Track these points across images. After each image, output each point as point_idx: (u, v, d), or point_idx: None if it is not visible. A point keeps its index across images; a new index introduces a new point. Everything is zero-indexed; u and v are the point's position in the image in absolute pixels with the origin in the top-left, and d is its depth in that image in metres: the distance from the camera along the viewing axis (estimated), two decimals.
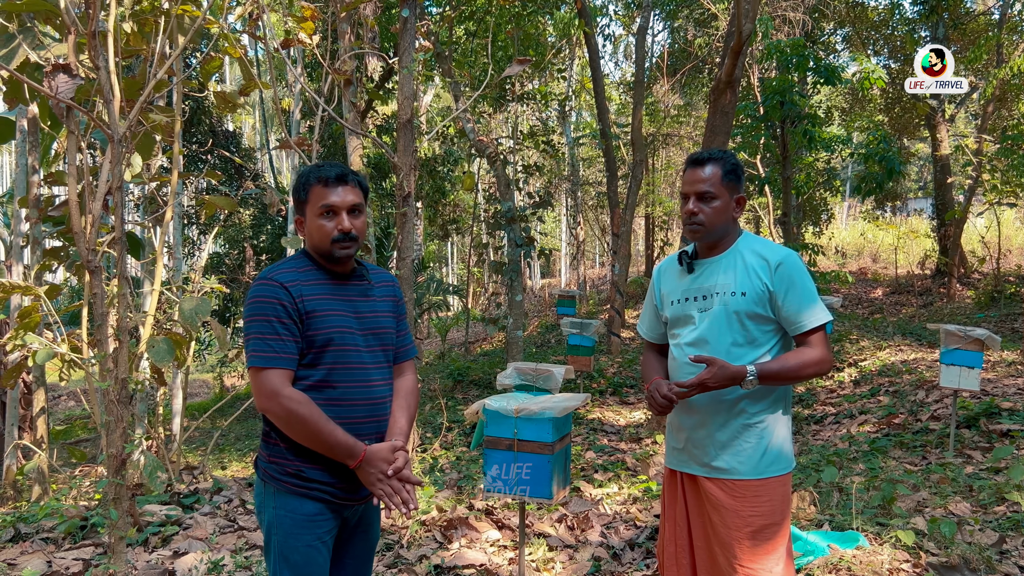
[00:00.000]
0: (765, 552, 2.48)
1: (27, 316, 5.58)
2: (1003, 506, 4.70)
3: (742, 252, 2.59)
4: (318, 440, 2.20)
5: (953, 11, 15.96)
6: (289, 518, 2.27)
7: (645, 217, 24.68)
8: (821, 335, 2.52)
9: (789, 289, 2.50)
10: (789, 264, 2.52)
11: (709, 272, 2.61)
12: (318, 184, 2.31)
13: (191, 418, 10.52)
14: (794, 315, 2.51)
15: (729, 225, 2.60)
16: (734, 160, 2.61)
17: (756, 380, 2.45)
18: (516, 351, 10.86)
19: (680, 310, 2.65)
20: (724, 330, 2.53)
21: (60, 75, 4.07)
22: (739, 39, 7.08)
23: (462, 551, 4.37)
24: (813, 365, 2.50)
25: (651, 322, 2.84)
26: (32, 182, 7.02)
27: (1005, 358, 9.17)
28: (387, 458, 2.26)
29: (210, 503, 5.32)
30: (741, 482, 2.52)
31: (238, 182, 15.66)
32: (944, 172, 16.93)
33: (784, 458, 2.57)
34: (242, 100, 6.48)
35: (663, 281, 2.77)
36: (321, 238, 2.30)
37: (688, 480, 2.65)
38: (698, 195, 2.56)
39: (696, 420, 2.60)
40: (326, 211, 2.29)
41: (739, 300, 2.52)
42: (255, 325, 2.23)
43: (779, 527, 2.52)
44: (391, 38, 12.33)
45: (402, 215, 5.13)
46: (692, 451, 2.61)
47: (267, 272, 2.30)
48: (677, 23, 18.27)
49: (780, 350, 2.59)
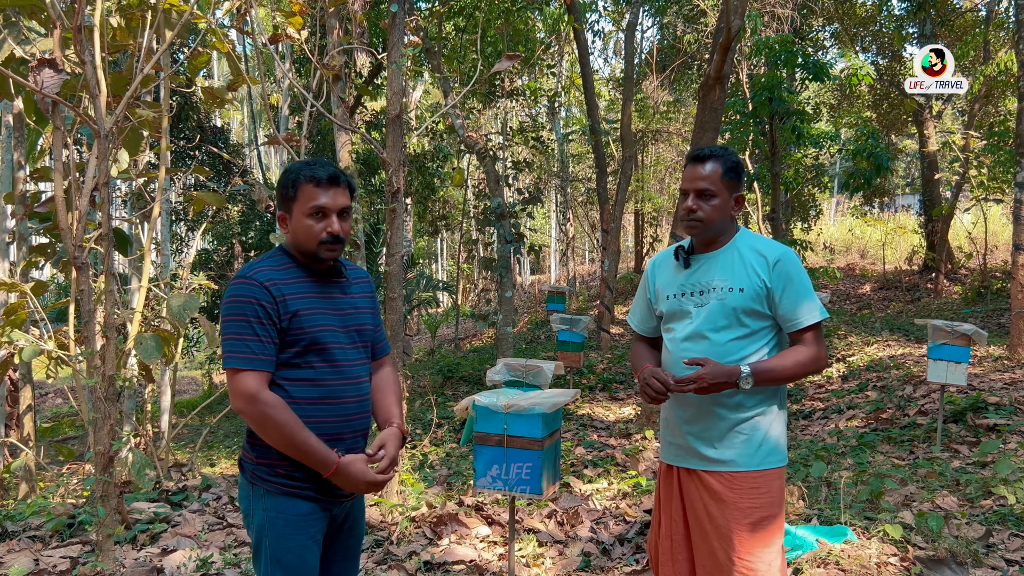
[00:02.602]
0: (763, 544, 2.49)
1: (13, 313, 5.54)
2: (990, 500, 4.74)
3: (740, 248, 2.59)
4: (292, 446, 2.18)
5: (940, 8, 16.01)
6: (281, 519, 2.26)
7: (634, 213, 24.70)
8: (816, 333, 2.54)
9: (787, 286, 2.51)
10: (787, 261, 2.53)
11: (706, 268, 2.61)
12: (309, 183, 2.26)
13: (179, 415, 10.46)
14: (790, 312, 2.52)
15: (728, 222, 2.61)
16: (735, 158, 2.61)
17: (751, 379, 2.45)
18: (506, 347, 10.87)
19: (676, 305, 2.64)
20: (721, 325, 2.53)
21: (46, 70, 4.04)
22: (728, 35, 7.08)
23: (452, 547, 4.37)
24: (808, 364, 2.52)
25: (643, 315, 2.84)
26: (18, 178, 6.97)
27: (992, 353, 9.23)
28: (361, 471, 2.24)
29: (199, 500, 5.30)
30: (740, 474, 2.52)
31: (226, 178, 15.58)
32: (931, 168, 17.01)
33: (780, 450, 2.59)
34: (230, 95, 6.45)
35: (657, 275, 2.76)
36: (308, 238, 2.27)
37: (684, 474, 2.65)
38: (698, 192, 2.56)
39: (692, 414, 2.59)
40: (316, 212, 2.26)
41: (736, 296, 2.52)
42: (233, 325, 2.20)
43: (775, 519, 2.54)
44: (380, 33, 12.29)
45: (391, 211, 5.11)
46: (689, 445, 2.61)
47: (245, 270, 2.26)
48: (666, 19, 18.26)
49: (776, 346, 2.60)
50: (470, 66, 14.06)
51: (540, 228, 33.38)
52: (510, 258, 11.36)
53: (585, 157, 25.33)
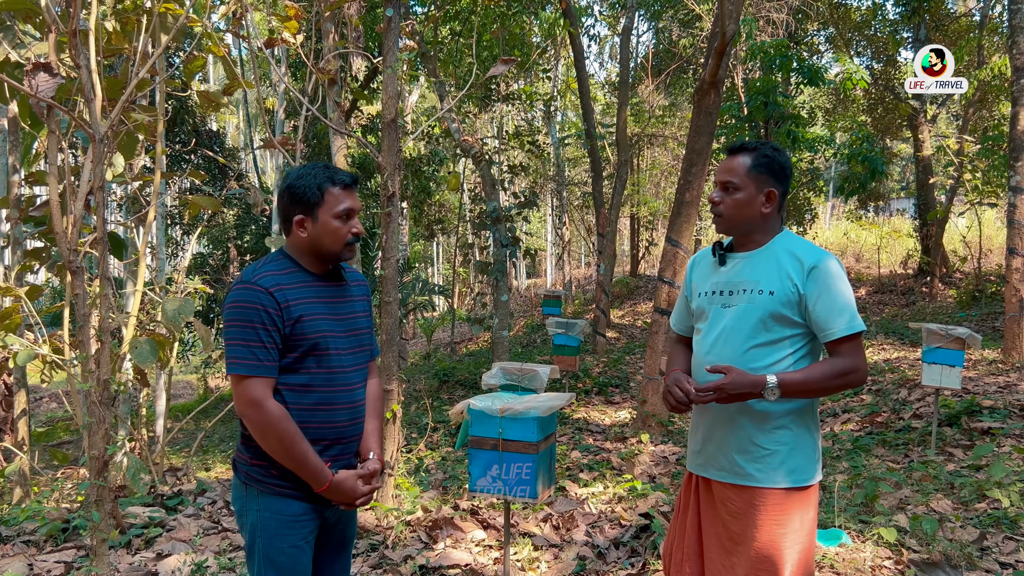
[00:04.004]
0: (779, 563, 2.37)
1: (8, 317, 5.53)
2: (984, 503, 4.75)
3: (777, 251, 2.46)
4: (289, 457, 2.23)
5: (935, 12, 16.09)
6: (275, 519, 2.28)
7: (630, 217, 24.76)
8: (854, 344, 2.36)
9: (822, 293, 2.36)
10: (824, 267, 2.38)
11: (740, 267, 2.50)
12: (336, 187, 2.32)
13: (174, 419, 10.44)
14: (824, 321, 2.36)
15: (757, 220, 2.47)
16: (769, 152, 2.47)
17: (777, 390, 2.31)
18: (502, 351, 10.86)
19: (706, 303, 2.55)
20: (745, 329, 2.42)
21: (41, 74, 4.03)
22: (723, 40, 7.10)
23: (447, 551, 4.37)
24: (842, 376, 2.34)
25: (680, 313, 2.76)
26: (13, 182, 6.95)
27: (986, 356, 9.26)
28: (353, 487, 2.33)
29: (194, 505, 5.29)
30: (759, 490, 2.39)
31: (222, 182, 15.56)
32: (926, 172, 17.06)
33: (807, 468, 2.42)
34: (225, 99, 6.45)
35: (695, 272, 2.68)
36: (335, 240, 2.33)
37: (703, 484, 2.55)
38: (722, 184, 2.48)
39: (713, 421, 2.50)
40: (344, 214, 2.32)
41: (766, 299, 2.39)
42: (238, 330, 2.21)
43: (795, 536, 2.39)
44: (376, 38, 12.30)
45: (387, 215, 5.12)
46: (709, 454, 2.51)
47: (249, 275, 2.27)
48: (662, 24, 18.32)
49: (806, 356, 2.44)
50: (466, 70, 14.07)
51: (536, 232, 33.40)
52: (506, 262, 11.36)
53: (581, 161, 25.35)
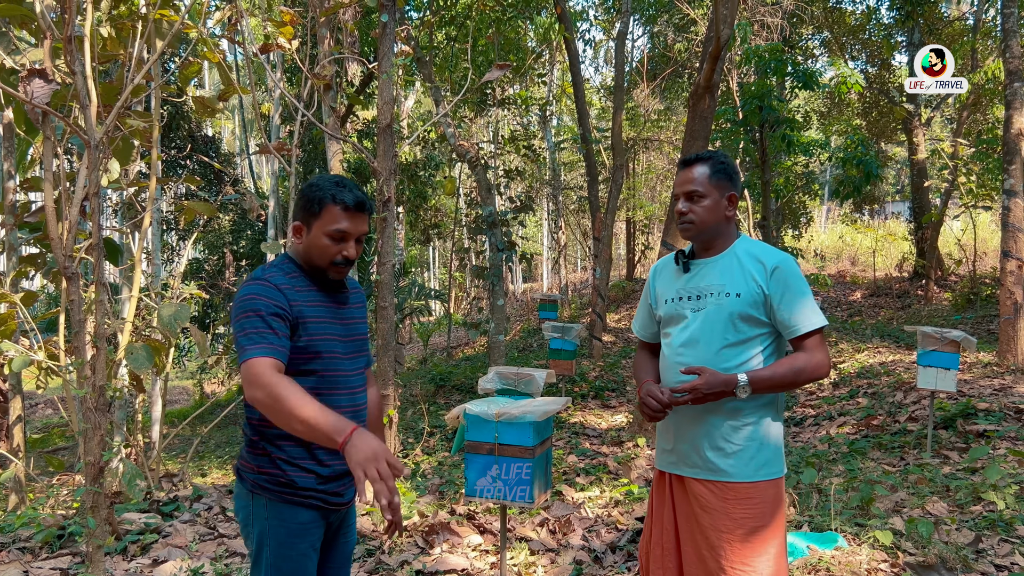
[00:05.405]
0: (754, 553, 2.47)
1: (3, 323, 5.52)
2: (979, 506, 4.76)
3: (738, 254, 2.60)
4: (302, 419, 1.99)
5: (928, 16, 16.15)
6: (284, 528, 2.28)
7: (626, 221, 24.78)
8: (817, 339, 2.52)
9: (784, 292, 2.51)
10: (785, 268, 2.53)
11: (704, 272, 2.62)
12: (336, 206, 2.25)
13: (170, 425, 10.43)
14: (789, 319, 2.51)
15: (723, 224, 2.62)
16: (723, 158, 2.63)
17: (748, 388, 2.44)
18: (498, 355, 10.86)
19: (673, 309, 2.65)
20: (716, 330, 2.53)
21: (36, 80, 4.03)
22: (718, 44, 7.12)
23: (444, 556, 4.36)
24: (808, 370, 2.49)
25: (644, 320, 2.86)
26: (8, 188, 6.94)
27: (981, 359, 9.28)
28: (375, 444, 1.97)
29: (190, 511, 5.28)
30: (731, 484, 2.51)
31: (217, 187, 15.56)
32: (921, 176, 17.12)
33: (776, 461, 2.56)
34: (221, 105, 6.45)
35: (658, 280, 2.79)
36: (322, 257, 2.29)
37: (677, 482, 2.64)
38: (687, 195, 2.61)
39: (686, 420, 2.59)
40: (337, 235, 2.26)
41: (733, 301, 2.52)
42: (248, 320, 2.14)
43: (768, 529, 2.50)
44: (371, 43, 12.30)
45: (382, 220, 5.12)
46: (681, 452, 2.61)
47: (260, 273, 2.28)
48: (657, 28, 18.38)
49: (772, 353, 2.59)
50: (461, 75, 14.09)
51: (532, 236, 33.41)
52: (502, 266, 11.36)
53: (576, 165, 25.38)
